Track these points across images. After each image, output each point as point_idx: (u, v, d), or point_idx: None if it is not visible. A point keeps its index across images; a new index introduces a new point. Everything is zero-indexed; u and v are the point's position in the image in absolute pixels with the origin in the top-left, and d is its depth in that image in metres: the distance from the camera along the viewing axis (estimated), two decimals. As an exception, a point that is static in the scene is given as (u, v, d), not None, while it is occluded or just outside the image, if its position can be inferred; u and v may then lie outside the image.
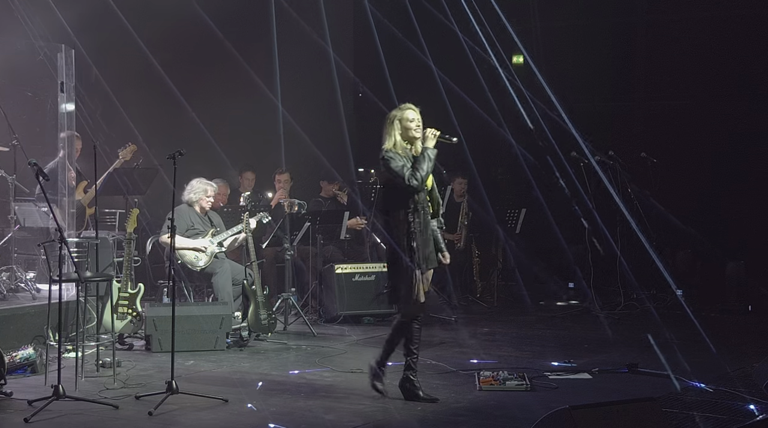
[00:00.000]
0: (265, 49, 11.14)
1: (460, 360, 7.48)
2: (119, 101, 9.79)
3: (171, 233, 6.84)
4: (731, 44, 12.15)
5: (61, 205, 8.62)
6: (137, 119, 10.00)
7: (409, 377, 6.26)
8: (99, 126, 9.34)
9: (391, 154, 6.14)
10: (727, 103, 12.19)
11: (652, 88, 12.99)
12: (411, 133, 6.22)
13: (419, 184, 6.07)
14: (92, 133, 9.13)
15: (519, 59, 12.53)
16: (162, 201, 9.54)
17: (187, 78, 10.70)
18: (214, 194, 9.10)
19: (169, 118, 10.84)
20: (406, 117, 6.22)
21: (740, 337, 8.81)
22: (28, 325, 7.67)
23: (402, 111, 6.25)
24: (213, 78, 11.63)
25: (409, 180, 6.04)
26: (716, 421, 5.67)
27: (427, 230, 6.15)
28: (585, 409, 4.50)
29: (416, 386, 6.24)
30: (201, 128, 10.44)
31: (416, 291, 6.07)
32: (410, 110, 6.25)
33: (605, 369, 7.15)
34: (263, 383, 6.75)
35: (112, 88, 9.90)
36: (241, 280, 8.70)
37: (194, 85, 10.82)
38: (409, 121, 6.22)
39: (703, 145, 12.12)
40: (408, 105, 6.29)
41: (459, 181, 11.14)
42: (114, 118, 10.05)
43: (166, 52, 10.36)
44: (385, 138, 6.24)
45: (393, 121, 6.23)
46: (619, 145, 11.32)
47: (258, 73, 10.86)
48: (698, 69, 12.32)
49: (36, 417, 5.70)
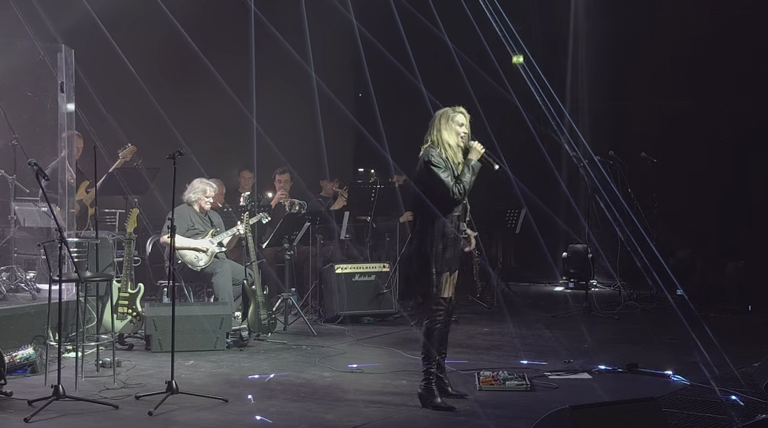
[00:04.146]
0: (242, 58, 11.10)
1: (460, 360, 7.47)
2: (114, 105, 9.78)
3: (171, 233, 6.84)
4: (731, 44, 12.14)
5: (61, 205, 8.62)
6: (143, 117, 10.01)
7: (437, 375, 6.27)
8: (99, 125, 9.32)
9: (436, 158, 6.05)
10: (727, 103, 12.19)
11: (652, 88, 12.99)
12: (457, 137, 6.16)
13: (461, 197, 6.05)
14: (94, 132, 9.12)
15: (519, 59, 12.52)
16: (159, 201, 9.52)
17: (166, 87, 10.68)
18: (213, 194, 9.10)
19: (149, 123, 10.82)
20: (458, 120, 6.16)
21: (740, 337, 8.81)
22: (28, 325, 7.66)
23: (455, 112, 6.17)
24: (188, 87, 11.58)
25: (452, 192, 6.00)
26: (716, 421, 5.67)
27: (458, 238, 6.13)
28: (585, 409, 4.50)
29: (445, 383, 6.28)
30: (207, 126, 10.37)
31: (436, 293, 6.06)
32: (461, 114, 6.19)
33: (605, 369, 7.15)
34: (263, 383, 6.76)
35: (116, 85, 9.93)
36: (241, 280, 8.70)
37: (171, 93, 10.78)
38: (459, 126, 6.16)
39: (703, 145, 12.12)
40: (461, 108, 6.22)
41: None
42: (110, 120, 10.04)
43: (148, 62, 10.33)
44: (432, 132, 6.15)
45: (446, 116, 6.14)
46: (619, 145, 11.32)
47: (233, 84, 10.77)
48: (698, 69, 12.32)
49: (36, 417, 5.70)
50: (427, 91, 9.98)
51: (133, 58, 9.95)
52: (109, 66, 9.90)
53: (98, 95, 9.65)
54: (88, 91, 9.18)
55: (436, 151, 6.11)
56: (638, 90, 13.10)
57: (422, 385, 6.16)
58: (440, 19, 10.46)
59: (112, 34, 9.82)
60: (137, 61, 10.04)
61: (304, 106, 11.69)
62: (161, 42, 10.52)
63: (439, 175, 6.02)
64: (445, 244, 6.06)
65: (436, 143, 6.15)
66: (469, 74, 10.65)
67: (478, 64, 10.71)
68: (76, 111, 8.80)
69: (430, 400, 6.08)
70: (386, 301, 9.75)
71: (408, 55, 10.99)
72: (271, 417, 5.80)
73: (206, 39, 11.26)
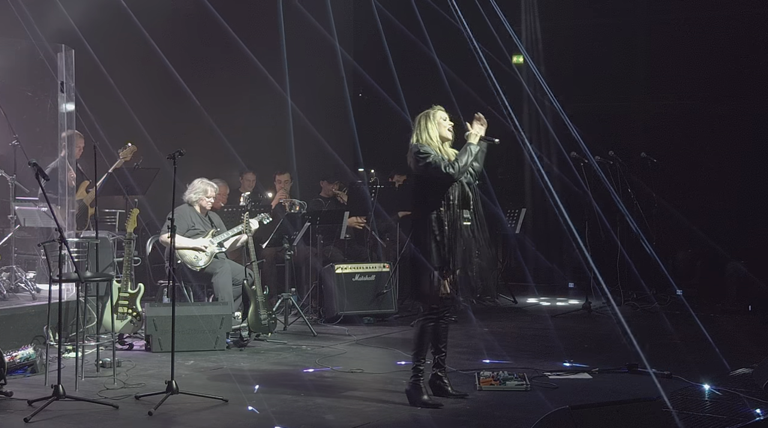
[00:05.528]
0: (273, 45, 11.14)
1: (460, 360, 7.47)
2: (124, 99, 9.78)
3: (171, 233, 6.84)
4: (732, 44, 12.15)
5: (62, 205, 8.62)
6: (143, 117, 10.01)
7: (437, 374, 6.30)
8: (100, 125, 9.33)
9: (425, 146, 6.12)
10: (727, 103, 12.19)
11: (652, 88, 13.00)
12: (445, 132, 6.22)
13: (456, 173, 6.03)
14: (94, 132, 9.13)
15: (519, 59, 12.53)
16: (161, 200, 9.54)
17: (192, 74, 10.71)
18: (214, 194, 9.10)
19: (173, 114, 10.85)
20: (441, 116, 6.24)
21: (740, 337, 8.81)
22: (28, 325, 7.67)
23: (436, 110, 6.26)
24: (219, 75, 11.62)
25: (446, 168, 6.01)
26: (716, 421, 5.67)
27: (458, 227, 6.07)
28: (585, 409, 4.50)
29: (445, 383, 6.29)
30: (207, 125, 10.44)
31: (437, 289, 6.04)
32: (442, 111, 6.27)
33: (605, 369, 7.15)
34: (263, 383, 6.75)
35: (116, 85, 9.92)
36: (241, 280, 8.70)
37: (200, 82, 10.81)
38: (444, 120, 6.24)
39: (703, 145, 12.12)
40: (439, 106, 6.30)
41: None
42: (116, 117, 10.05)
43: (171, 47, 10.35)
44: (418, 134, 6.20)
45: (427, 115, 6.22)
46: (619, 145, 11.32)
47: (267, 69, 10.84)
48: (698, 69, 12.32)
49: (36, 417, 5.70)
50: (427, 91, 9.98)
51: (133, 58, 9.98)
52: (109, 66, 9.91)
53: (98, 95, 9.67)
54: (88, 91, 9.19)
55: (426, 144, 6.16)
56: (638, 90, 13.12)
57: (410, 382, 6.18)
58: (440, 18, 10.46)
59: (112, 34, 9.84)
60: (137, 61, 10.07)
61: (304, 106, 11.70)
62: (161, 42, 10.52)
63: (428, 159, 6.04)
64: (444, 239, 6.03)
65: (422, 143, 6.18)
66: (469, 74, 10.65)
67: (476, 65, 10.70)
68: (76, 111, 8.81)
69: (417, 397, 6.10)
70: (386, 301, 9.75)
71: (407, 54, 11.00)
72: (271, 417, 5.80)
73: (207, 38, 11.29)
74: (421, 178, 6.18)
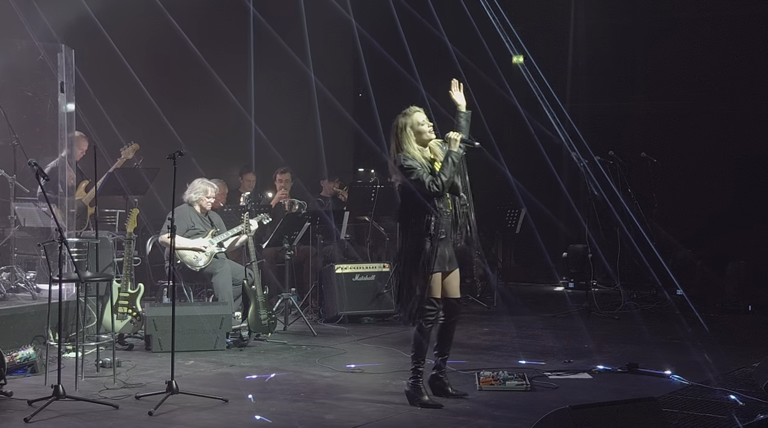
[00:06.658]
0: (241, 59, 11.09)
1: (460, 360, 7.47)
2: (114, 105, 9.78)
3: (171, 233, 6.84)
4: (732, 44, 12.14)
5: (61, 205, 8.62)
6: (143, 117, 10.01)
7: (437, 375, 6.30)
8: (99, 126, 9.32)
9: (409, 161, 6.01)
10: (727, 104, 12.18)
11: (652, 88, 12.99)
12: (425, 136, 6.10)
13: (440, 190, 5.98)
14: (94, 132, 9.12)
15: (519, 59, 12.52)
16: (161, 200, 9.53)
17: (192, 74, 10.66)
18: (214, 195, 9.10)
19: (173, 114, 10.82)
20: (416, 120, 6.09)
21: (740, 337, 8.81)
22: (28, 325, 7.67)
23: (409, 116, 6.10)
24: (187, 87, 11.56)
25: (429, 186, 5.95)
26: (716, 421, 5.67)
27: (445, 234, 6.06)
28: (585, 409, 4.50)
29: (445, 383, 6.29)
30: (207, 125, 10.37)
31: (420, 294, 6.03)
32: (418, 113, 6.12)
33: (605, 369, 7.15)
34: (263, 383, 6.76)
35: (115, 86, 9.93)
36: (241, 280, 8.70)
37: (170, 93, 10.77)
38: (420, 125, 6.09)
39: (703, 145, 12.12)
40: (414, 108, 6.16)
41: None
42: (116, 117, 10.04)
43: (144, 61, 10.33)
44: (396, 147, 6.10)
45: (404, 128, 6.08)
46: (619, 145, 11.32)
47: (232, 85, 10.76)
48: (698, 69, 12.31)
49: (36, 417, 5.70)
50: (426, 92, 9.98)
51: (132, 58, 9.96)
52: (109, 66, 9.90)
53: (98, 95, 9.66)
54: (88, 91, 9.18)
55: (409, 156, 6.07)
56: (638, 90, 13.12)
57: (410, 383, 6.18)
58: (439, 19, 10.47)
59: (112, 34, 9.82)
60: (137, 61, 10.05)
61: (303, 106, 11.69)
62: (161, 42, 10.52)
63: (413, 175, 5.97)
64: (433, 244, 6.01)
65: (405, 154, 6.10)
66: (469, 74, 10.64)
67: (477, 64, 10.71)
68: (76, 111, 8.80)
69: (417, 398, 6.10)
70: (386, 301, 9.74)
71: (407, 55, 10.99)
72: (270, 417, 5.80)
73: (206, 39, 11.27)
74: (406, 187, 6.10)
